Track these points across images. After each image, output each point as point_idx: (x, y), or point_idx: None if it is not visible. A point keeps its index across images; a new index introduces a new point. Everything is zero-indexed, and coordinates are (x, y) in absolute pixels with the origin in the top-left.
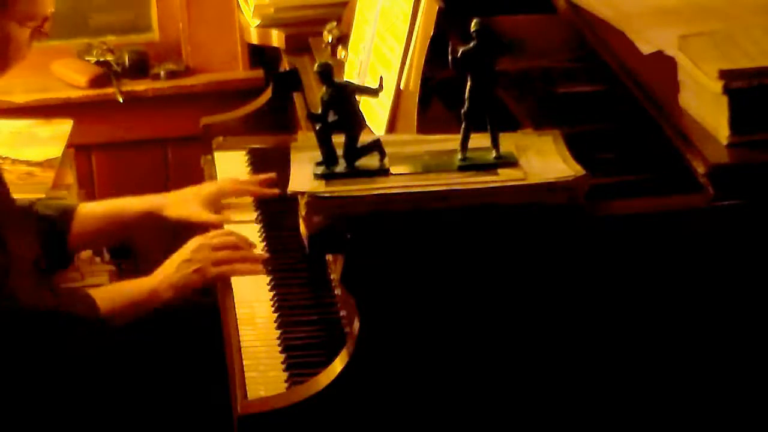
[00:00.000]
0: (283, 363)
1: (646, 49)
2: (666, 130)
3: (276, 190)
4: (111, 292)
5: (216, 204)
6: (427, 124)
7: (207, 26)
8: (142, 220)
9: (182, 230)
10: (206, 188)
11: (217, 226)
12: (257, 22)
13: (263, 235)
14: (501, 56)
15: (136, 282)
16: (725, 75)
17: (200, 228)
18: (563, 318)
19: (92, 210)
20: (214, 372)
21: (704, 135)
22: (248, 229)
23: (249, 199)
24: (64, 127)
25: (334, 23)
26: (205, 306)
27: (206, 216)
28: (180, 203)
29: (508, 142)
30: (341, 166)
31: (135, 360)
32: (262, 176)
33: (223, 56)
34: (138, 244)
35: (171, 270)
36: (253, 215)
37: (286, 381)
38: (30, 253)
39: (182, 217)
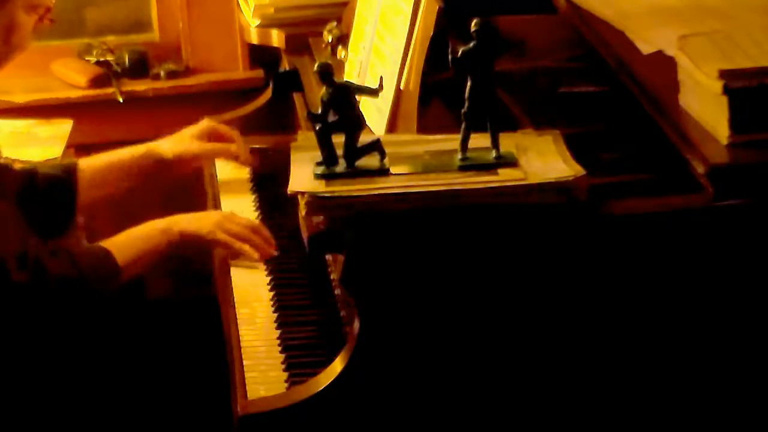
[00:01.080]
0: (283, 363)
1: (646, 49)
2: (666, 130)
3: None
4: (127, 240)
5: (209, 139)
6: (427, 124)
7: (207, 26)
8: (143, 163)
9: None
10: (198, 125)
11: (216, 152)
12: (257, 22)
13: None
14: (501, 56)
15: (147, 225)
16: (725, 75)
17: (197, 160)
18: (564, 318)
19: (93, 163)
20: (214, 372)
21: (704, 135)
22: None
23: (249, 200)
24: (64, 127)
25: (334, 23)
26: (205, 305)
27: (201, 145)
28: (175, 140)
29: (508, 142)
30: (341, 166)
31: (135, 360)
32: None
33: (223, 56)
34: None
35: (185, 219)
36: (254, 215)
37: (286, 381)
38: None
39: (179, 151)
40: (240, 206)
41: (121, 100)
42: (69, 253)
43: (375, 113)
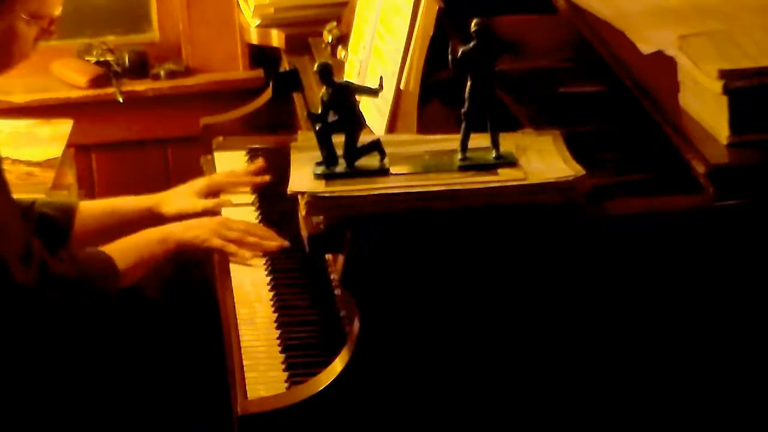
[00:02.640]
0: (283, 363)
1: (646, 49)
2: (666, 130)
3: (267, 177)
4: (125, 247)
5: (209, 195)
6: (427, 124)
7: (207, 26)
8: (141, 218)
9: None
10: (198, 182)
11: (215, 212)
12: (257, 22)
13: None
14: (501, 56)
15: (145, 232)
16: (725, 75)
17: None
18: (563, 318)
19: (91, 208)
20: (214, 372)
21: (704, 135)
22: None
23: (249, 200)
24: (64, 127)
25: (334, 23)
26: (205, 306)
27: (202, 204)
28: (175, 198)
29: (508, 142)
30: (341, 166)
31: (135, 360)
32: (252, 166)
33: (223, 56)
34: None
35: (181, 227)
36: (254, 215)
37: (286, 381)
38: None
39: (179, 210)
40: (240, 207)
41: (121, 100)
42: (71, 255)
43: (375, 113)
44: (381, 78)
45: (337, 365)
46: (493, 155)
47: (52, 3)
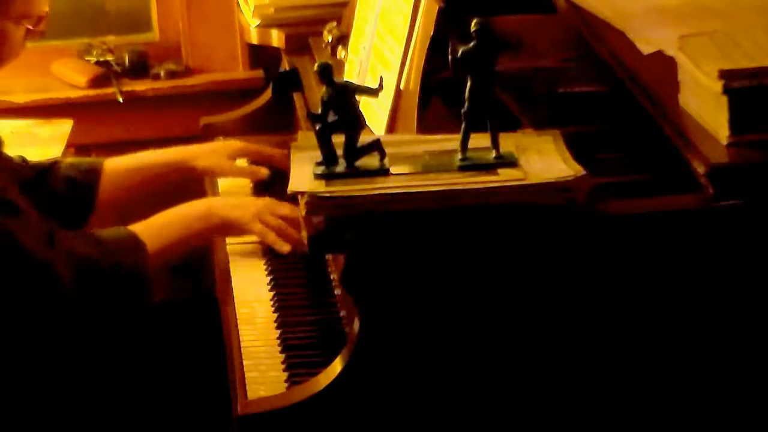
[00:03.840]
0: (283, 363)
1: (646, 49)
2: (666, 130)
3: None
4: (160, 226)
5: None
6: (427, 124)
7: (207, 26)
8: (171, 171)
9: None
10: (233, 144)
11: (246, 175)
12: (257, 22)
13: None
14: (501, 56)
15: (185, 207)
16: (725, 75)
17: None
18: (563, 318)
19: (119, 165)
20: (214, 372)
21: (704, 135)
22: None
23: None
24: (64, 127)
25: (334, 23)
26: (205, 305)
27: (233, 166)
28: (209, 154)
29: (508, 142)
30: (341, 166)
31: (135, 360)
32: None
33: (223, 56)
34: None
35: (226, 203)
36: None
37: (286, 381)
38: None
39: (211, 167)
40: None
41: (121, 100)
42: (91, 235)
43: (375, 113)
44: (381, 78)
45: (337, 365)
46: (493, 155)
47: (38, 1)
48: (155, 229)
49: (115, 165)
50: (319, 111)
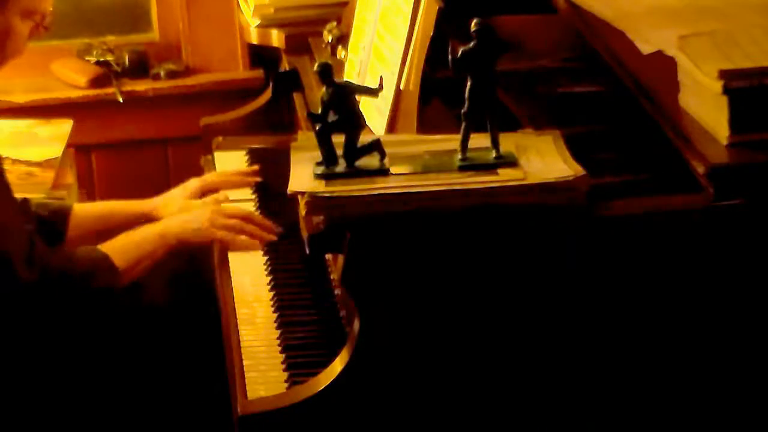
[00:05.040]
0: (283, 363)
1: (646, 49)
2: (666, 130)
3: (258, 178)
4: (125, 244)
5: (204, 196)
6: (427, 124)
7: (207, 26)
8: (135, 222)
9: None
10: (191, 184)
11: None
12: (257, 22)
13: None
14: (501, 56)
15: (143, 229)
16: (725, 75)
17: None
18: (563, 318)
19: (87, 212)
20: (214, 372)
21: (704, 135)
22: None
23: (249, 201)
24: (64, 127)
25: (334, 23)
26: (204, 306)
27: (198, 205)
28: (171, 202)
29: (508, 142)
30: (341, 166)
31: (135, 360)
32: (247, 168)
33: (223, 56)
34: None
35: (179, 221)
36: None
37: (286, 381)
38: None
39: (173, 214)
40: (240, 206)
41: (121, 100)
42: (65, 251)
43: (375, 113)
44: (381, 78)
45: (337, 365)
46: (493, 155)
47: None
48: (116, 249)
49: (84, 211)
50: (319, 111)
